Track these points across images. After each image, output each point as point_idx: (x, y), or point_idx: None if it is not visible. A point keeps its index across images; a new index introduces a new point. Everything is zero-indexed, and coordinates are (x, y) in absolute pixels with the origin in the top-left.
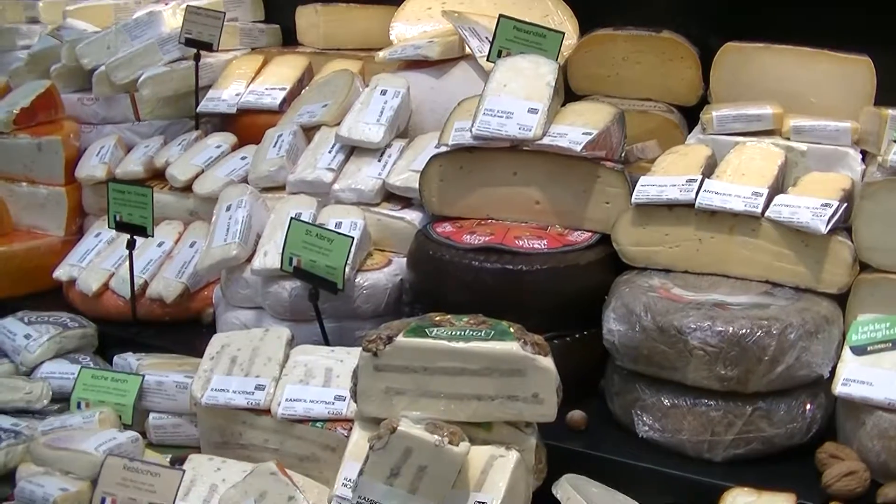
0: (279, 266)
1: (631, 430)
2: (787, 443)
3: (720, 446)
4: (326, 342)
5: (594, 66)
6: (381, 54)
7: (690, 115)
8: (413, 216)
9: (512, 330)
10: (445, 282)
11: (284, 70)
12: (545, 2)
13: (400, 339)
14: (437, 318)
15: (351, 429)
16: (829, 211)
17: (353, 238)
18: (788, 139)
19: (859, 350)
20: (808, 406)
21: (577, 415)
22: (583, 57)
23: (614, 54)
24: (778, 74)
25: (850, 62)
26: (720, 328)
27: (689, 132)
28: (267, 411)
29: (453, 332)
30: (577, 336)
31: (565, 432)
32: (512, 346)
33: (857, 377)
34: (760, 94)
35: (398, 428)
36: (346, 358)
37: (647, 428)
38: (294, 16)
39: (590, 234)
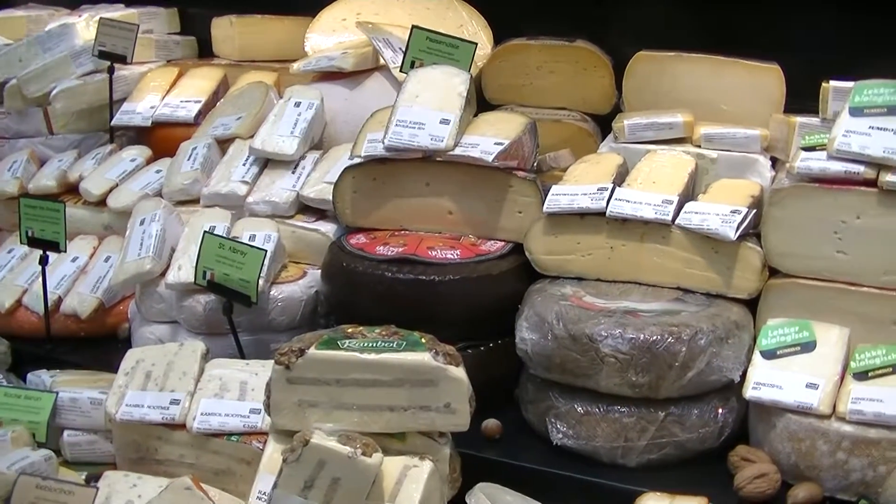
0: (193, 280)
1: (545, 438)
2: (700, 447)
3: (634, 452)
4: (242, 355)
5: (509, 76)
6: (295, 66)
7: (605, 124)
8: (327, 228)
9: (423, 340)
10: (359, 293)
11: (199, 82)
12: (460, 12)
13: (312, 351)
14: (350, 330)
15: (266, 442)
16: (739, 217)
17: (265, 251)
18: (699, 147)
19: (769, 354)
20: (720, 410)
21: (491, 423)
22: (497, 67)
23: (528, 64)
24: (690, 83)
25: (760, 70)
26: (631, 335)
27: (604, 141)
28: (182, 426)
29: (365, 344)
30: (491, 345)
31: (481, 441)
32: (423, 357)
33: (768, 381)
34: (673, 103)
35: (311, 440)
36: (262, 371)
37: (561, 435)
38: (210, 27)
39: (503, 243)
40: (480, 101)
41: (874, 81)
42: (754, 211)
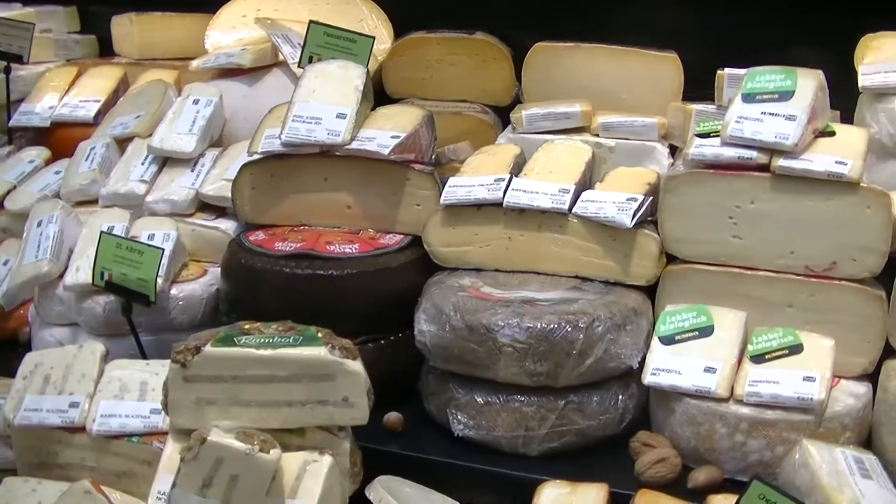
0: (91, 281)
1: (447, 430)
2: (602, 434)
3: (535, 441)
4: (143, 356)
5: (409, 70)
6: (194, 63)
7: (506, 115)
8: (227, 225)
9: (320, 335)
10: (259, 290)
11: (99, 81)
12: (360, 6)
13: (208, 349)
14: (247, 327)
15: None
16: (635, 205)
17: (163, 250)
18: (597, 136)
19: (667, 340)
20: (620, 397)
21: (393, 416)
22: (397, 61)
23: (428, 57)
24: (589, 72)
25: (658, 59)
26: (528, 324)
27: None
28: (82, 429)
29: (262, 340)
30: (392, 338)
31: (383, 435)
32: (320, 352)
33: (666, 366)
34: (572, 93)
35: (208, 438)
36: (162, 370)
37: (462, 426)
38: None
39: (402, 236)
40: (382, 96)
41: (765, 68)
42: (651, 198)
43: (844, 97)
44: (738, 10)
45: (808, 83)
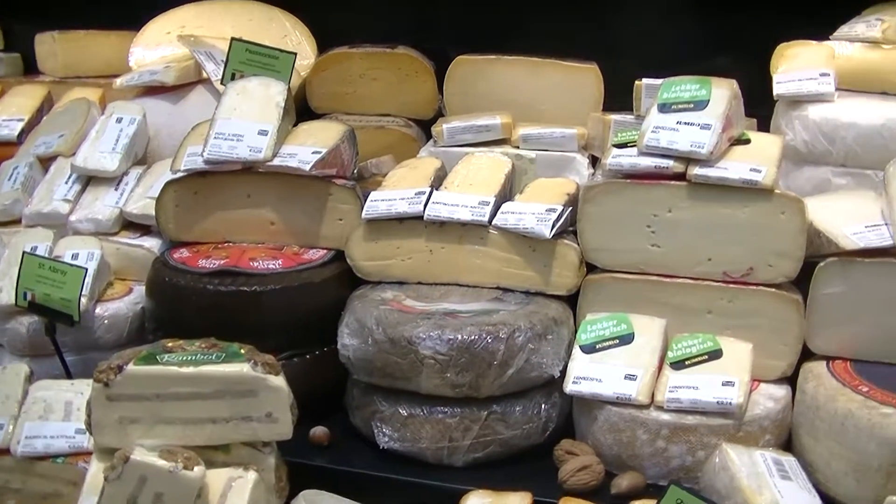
0: (14, 302)
1: (373, 442)
2: (525, 443)
3: (459, 451)
4: (68, 375)
5: (332, 85)
6: (118, 81)
7: (429, 129)
8: (152, 243)
9: (243, 351)
10: (183, 307)
11: (22, 100)
12: (283, 22)
13: (130, 367)
14: (170, 345)
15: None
16: (554, 216)
17: (86, 269)
18: (518, 147)
19: (588, 348)
20: (543, 406)
21: (319, 431)
22: (321, 76)
23: (351, 72)
24: (510, 85)
25: (578, 70)
26: (449, 336)
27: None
28: (6, 451)
29: (184, 358)
30: (317, 353)
31: (310, 449)
32: (242, 368)
33: (587, 374)
34: (494, 105)
35: (131, 457)
36: (87, 390)
37: (387, 439)
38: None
39: (325, 251)
40: (306, 111)
41: (681, 78)
42: (570, 208)
43: (763, 105)
44: (658, 20)
45: (723, 92)
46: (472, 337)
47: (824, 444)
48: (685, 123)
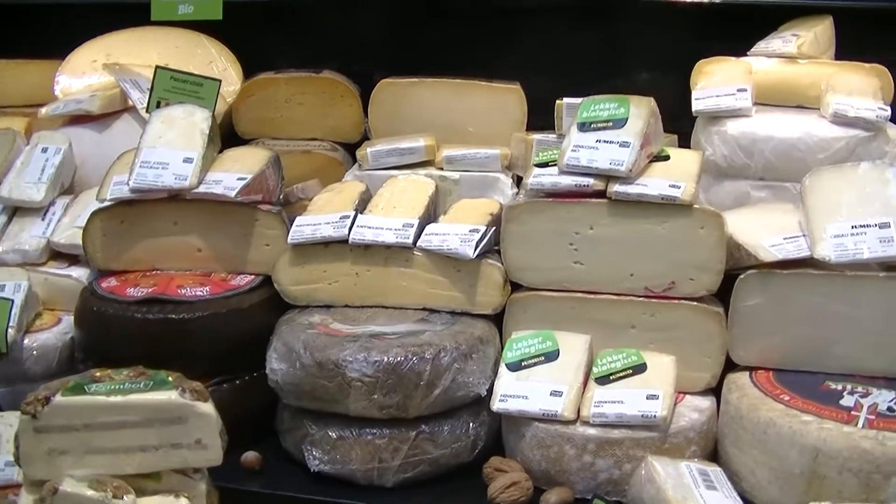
0: None
1: (304, 466)
2: (455, 462)
3: (389, 472)
4: None
5: (259, 110)
6: (44, 110)
7: (356, 152)
8: (80, 273)
9: (170, 379)
10: (112, 337)
11: None
12: (209, 49)
13: (58, 398)
14: (98, 374)
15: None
16: (477, 236)
17: (12, 300)
18: (442, 169)
19: (514, 366)
20: (471, 425)
21: (250, 456)
22: (247, 102)
23: (277, 97)
24: (434, 107)
25: (501, 91)
26: (376, 358)
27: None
28: None
29: (112, 387)
30: (246, 378)
31: (242, 474)
32: (170, 395)
33: (514, 392)
34: (419, 127)
35: (60, 488)
36: (16, 422)
37: (317, 462)
38: None
39: (253, 277)
40: (234, 137)
41: (600, 97)
42: (493, 228)
43: (685, 121)
44: (581, 39)
45: (641, 110)
46: (399, 358)
47: (748, 453)
48: (604, 142)
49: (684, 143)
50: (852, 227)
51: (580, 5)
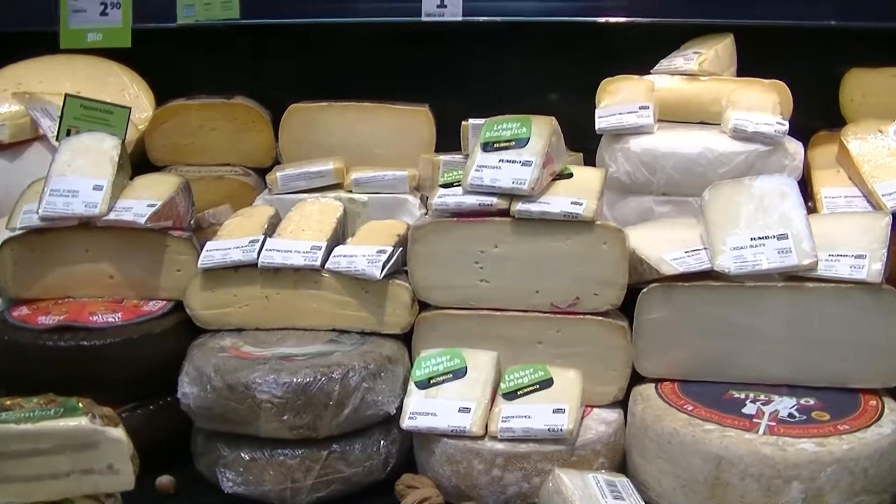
0: None
1: (219, 488)
2: (367, 480)
3: (302, 492)
4: None
5: (172, 137)
6: None
7: None
8: None
9: (81, 405)
10: (24, 365)
11: None
12: (121, 76)
13: None
14: (8, 403)
15: None
16: (384, 257)
17: None
18: (351, 192)
19: (423, 384)
20: (383, 443)
21: (164, 480)
22: (159, 128)
23: (189, 123)
24: (343, 130)
25: (409, 113)
26: (285, 380)
27: None
28: None
29: (22, 415)
30: (160, 403)
31: (157, 498)
32: (80, 421)
33: (423, 409)
34: (329, 151)
35: None
36: None
37: (231, 484)
38: None
39: (164, 302)
40: (146, 164)
41: (502, 117)
42: (401, 249)
43: (592, 139)
44: (490, 60)
45: (542, 129)
46: (308, 379)
47: (654, 463)
48: (507, 161)
49: (590, 160)
50: (751, 239)
51: (488, 27)
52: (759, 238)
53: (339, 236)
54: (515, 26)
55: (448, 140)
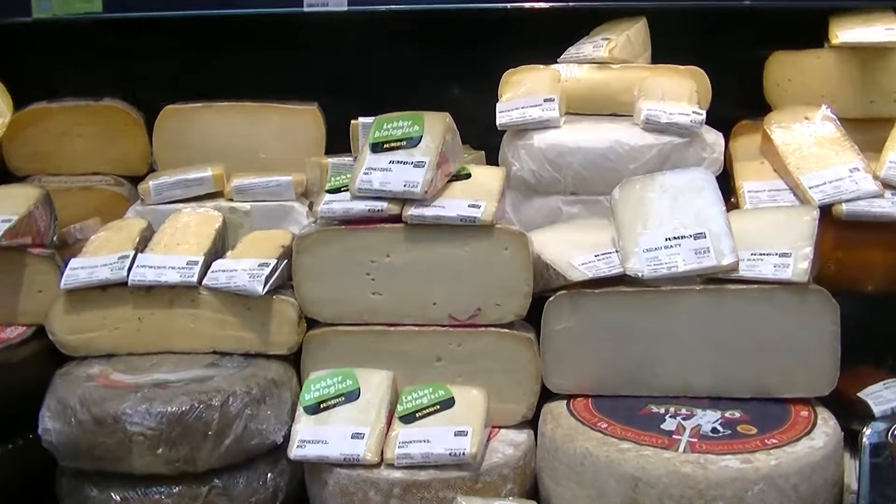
0: None
1: None
2: None
3: None
4: None
5: (33, 144)
6: None
7: None
8: None
9: None
10: None
11: None
12: None
13: None
14: None
15: None
16: (267, 270)
17: None
18: (232, 200)
19: (312, 409)
20: (269, 475)
21: None
22: (19, 136)
23: (52, 129)
24: (224, 133)
25: (296, 112)
26: (159, 409)
27: None
28: None
29: None
30: (19, 442)
31: None
32: None
33: (313, 437)
34: (208, 156)
35: None
36: None
37: None
38: None
39: (25, 327)
40: (5, 174)
41: (392, 115)
42: (286, 261)
43: (497, 136)
44: (385, 54)
45: (436, 127)
46: (184, 408)
47: (566, 487)
48: (398, 162)
49: (493, 159)
50: (665, 240)
51: (379, 17)
52: (674, 238)
53: (219, 249)
54: (408, 15)
55: (340, 141)
